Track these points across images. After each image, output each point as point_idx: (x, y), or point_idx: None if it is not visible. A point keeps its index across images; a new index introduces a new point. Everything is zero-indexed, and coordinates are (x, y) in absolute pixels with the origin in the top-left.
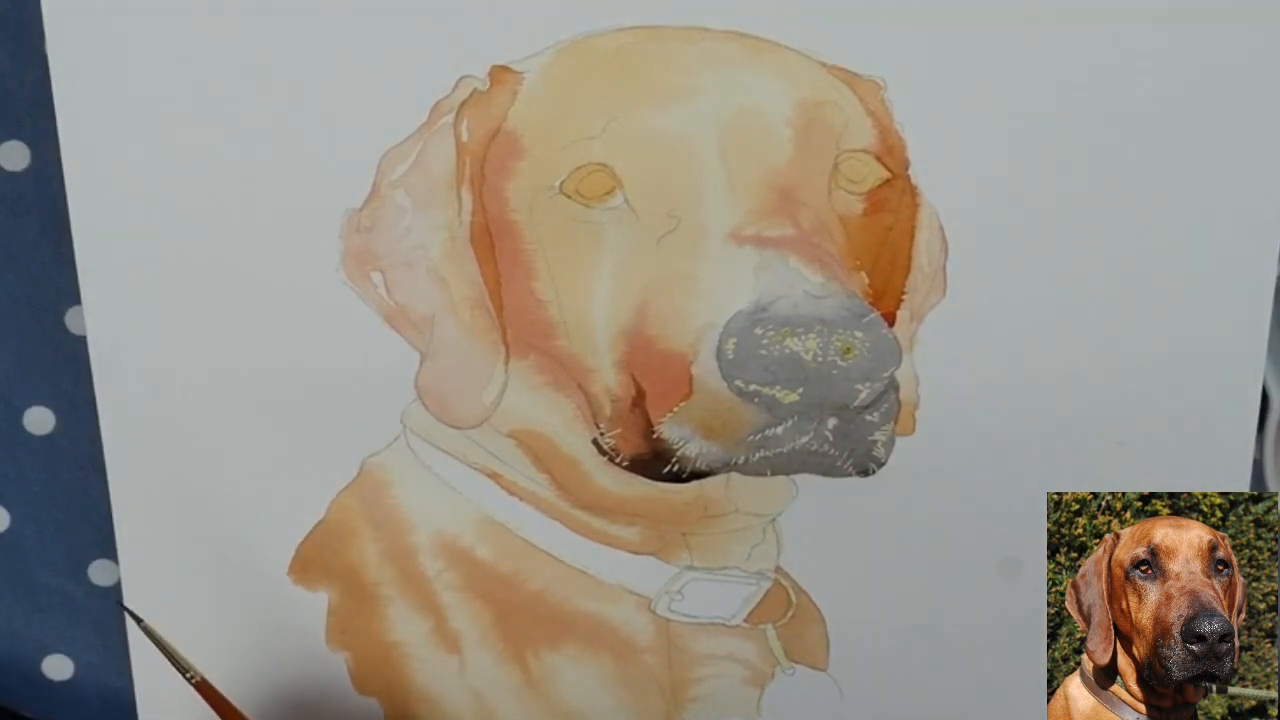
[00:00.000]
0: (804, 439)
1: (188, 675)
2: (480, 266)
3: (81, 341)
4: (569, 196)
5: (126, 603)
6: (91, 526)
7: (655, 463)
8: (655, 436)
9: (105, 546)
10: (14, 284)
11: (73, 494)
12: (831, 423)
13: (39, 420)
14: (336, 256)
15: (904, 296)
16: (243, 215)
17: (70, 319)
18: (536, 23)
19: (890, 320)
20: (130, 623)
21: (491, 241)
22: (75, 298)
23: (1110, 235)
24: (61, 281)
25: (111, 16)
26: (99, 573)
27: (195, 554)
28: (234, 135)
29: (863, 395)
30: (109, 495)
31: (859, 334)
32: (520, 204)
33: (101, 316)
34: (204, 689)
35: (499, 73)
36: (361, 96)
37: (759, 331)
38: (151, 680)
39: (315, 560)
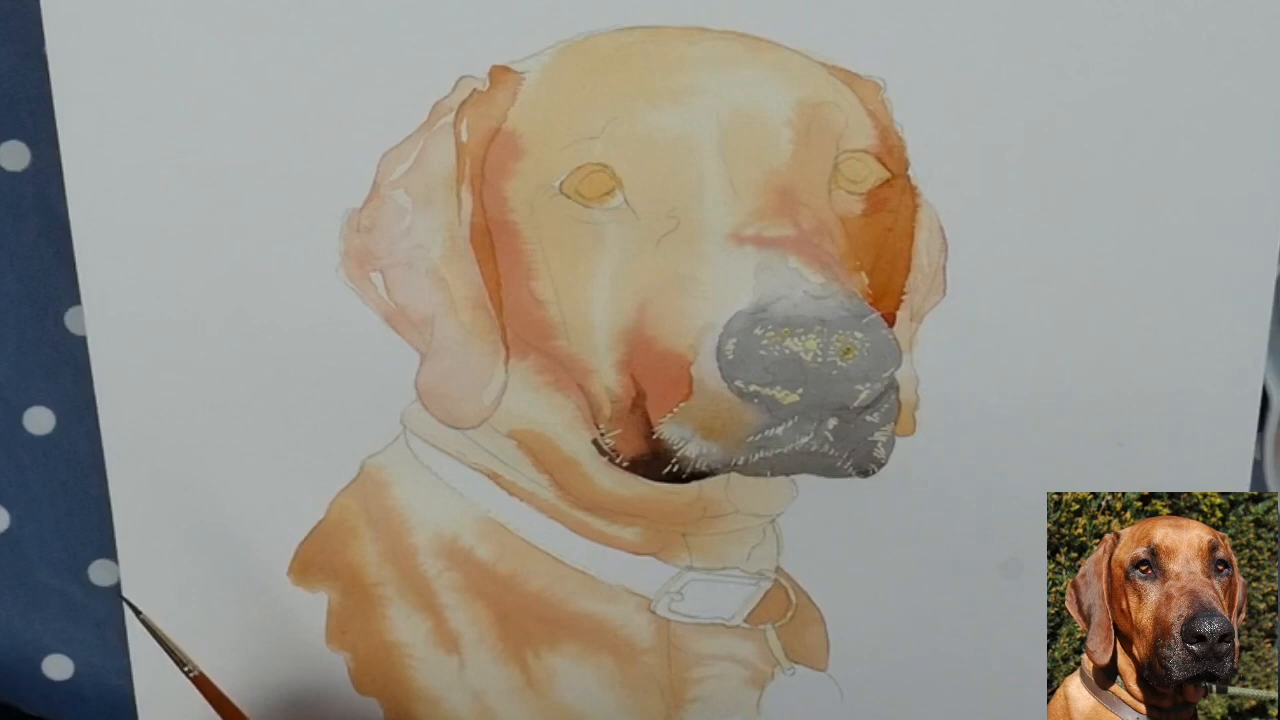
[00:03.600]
0: (804, 439)
1: (185, 669)
2: (480, 267)
3: (81, 341)
4: (569, 196)
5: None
6: (91, 526)
7: (655, 463)
8: (655, 437)
9: (105, 546)
10: (14, 284)
11: (73, 494)
12: (831, 423)
13: (39, 420)
14: (336, 257)
15: (904, 296)
16: (243, 215)
17: (70, 319)
18: (537, 23)
19: (890, 320)
20: (130, 621)
21: (491, 242)
22: (75, 298)
23: (1110, 235)
24: (61, 281)
25: (111, 16)
26: (99, 573)
27: (195, 554)
28: (234, 136)
29: (863, 396)
30: (109, 495)
31: (859, 334)
32: (520, 204)
33: (101, 316)
34: (201, 683)
35: (499, 73)
36: (361, 97)
37: (759, 332)
38: (151, 680)
39: (315, 561)
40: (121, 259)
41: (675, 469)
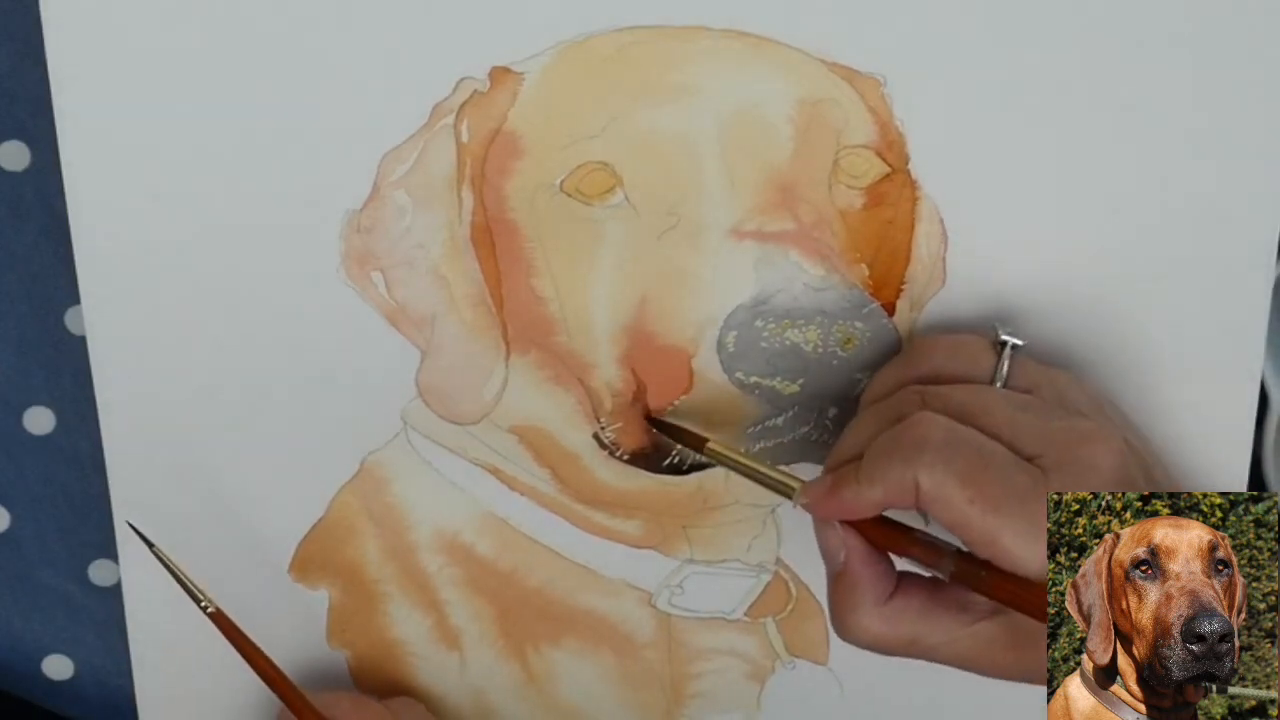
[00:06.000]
0: (805, 429)
1: (202, 605)
2: (481, 265)
3: (81, 341)
4: (569, 195)
5: (126, 604)
6: (91, 526)
7: (655, 455)
8: (655, 430)
9: (105, 546)
10: (14, 284)
11: (73, 494)
12: (832, 412)
13: (39, 420)
14: (336, 257)
15: (903, 287)
16: (243, 216)
17: (70, 319)
18: (537, 23)
19: (890, 310)
20: (130, 622)
21: (492, 240)
22: (75, 298)
23: (1108, 232)
24: (61, 281)
25: (111, 16)
26: (99, 573)
27: (196, 553)
28: (234, 136)
29: (863, 385)
30: (109, 495)
31: (859, 324)
32: (521, 203)
33: (101, 316)
34: (219, 620)
35: (499, 74)
36: (361, 98)
37: (759, 324)
38: (151, 680)
39: (316, 558)
40: (121, 259)
41: (675, 460)
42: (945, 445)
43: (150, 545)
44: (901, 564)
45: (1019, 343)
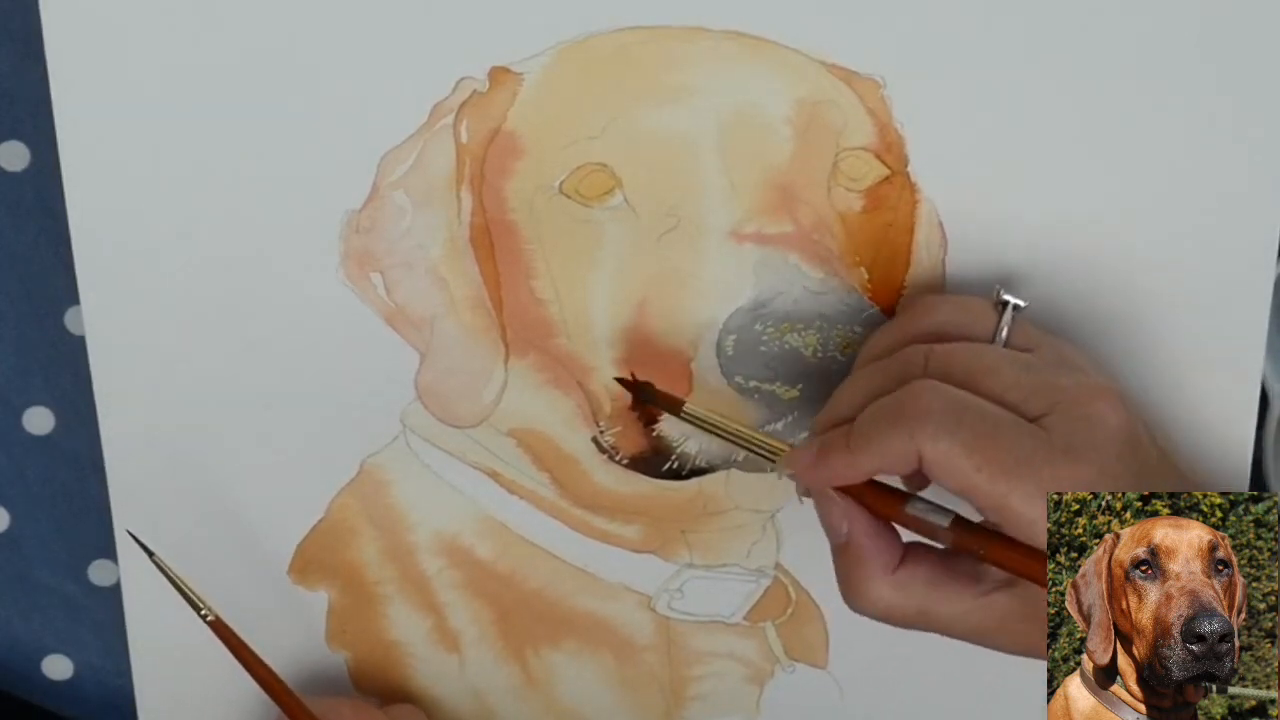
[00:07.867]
0: (804, 434)
1: (202, 613)
2: (480, 266)
3: (81, 341)
4: (569, 196)
5: (126, 605)
6: (91, 526)
7: (655, 460)
8: (655, 434)
9: (105, 546)
10: (14, 284)
11: (73, 494)
12: None
13: (39, 420)
14: (336, 258)
15: (903, 291)
16: (242, 216)
17: (70, 319)
18: (536, 24)
19: (889, 314)
20: (130, 622)
21: (491, 241)
22: (75, 298)
23: (1108, 233)
24: (61, 281)
25: (111, 17)
26: (99, 573)
27: (195, 554)
28: (233, 136)
29: None
30: (109, 495)
31: (859, 329)
32: (520, 204)
33: (101, 316)
34: (218, 628)
35: (499, 74)
36: (361, 98)
37: (759, 328)
38: (151, 680)
39: (315, 560)
40: (121, 259)
41: (675, 465)
42: (948, 415)
43: (150, 554)
44: (910, 535)
45: (1021, 303)
